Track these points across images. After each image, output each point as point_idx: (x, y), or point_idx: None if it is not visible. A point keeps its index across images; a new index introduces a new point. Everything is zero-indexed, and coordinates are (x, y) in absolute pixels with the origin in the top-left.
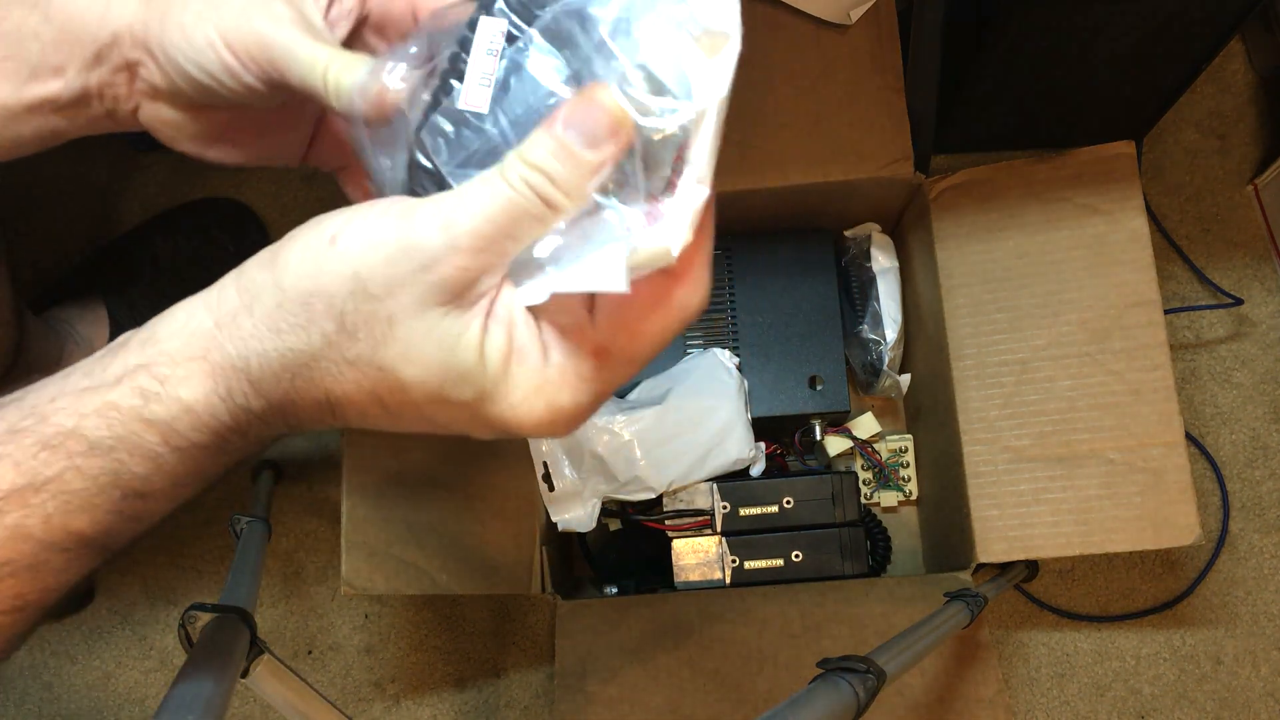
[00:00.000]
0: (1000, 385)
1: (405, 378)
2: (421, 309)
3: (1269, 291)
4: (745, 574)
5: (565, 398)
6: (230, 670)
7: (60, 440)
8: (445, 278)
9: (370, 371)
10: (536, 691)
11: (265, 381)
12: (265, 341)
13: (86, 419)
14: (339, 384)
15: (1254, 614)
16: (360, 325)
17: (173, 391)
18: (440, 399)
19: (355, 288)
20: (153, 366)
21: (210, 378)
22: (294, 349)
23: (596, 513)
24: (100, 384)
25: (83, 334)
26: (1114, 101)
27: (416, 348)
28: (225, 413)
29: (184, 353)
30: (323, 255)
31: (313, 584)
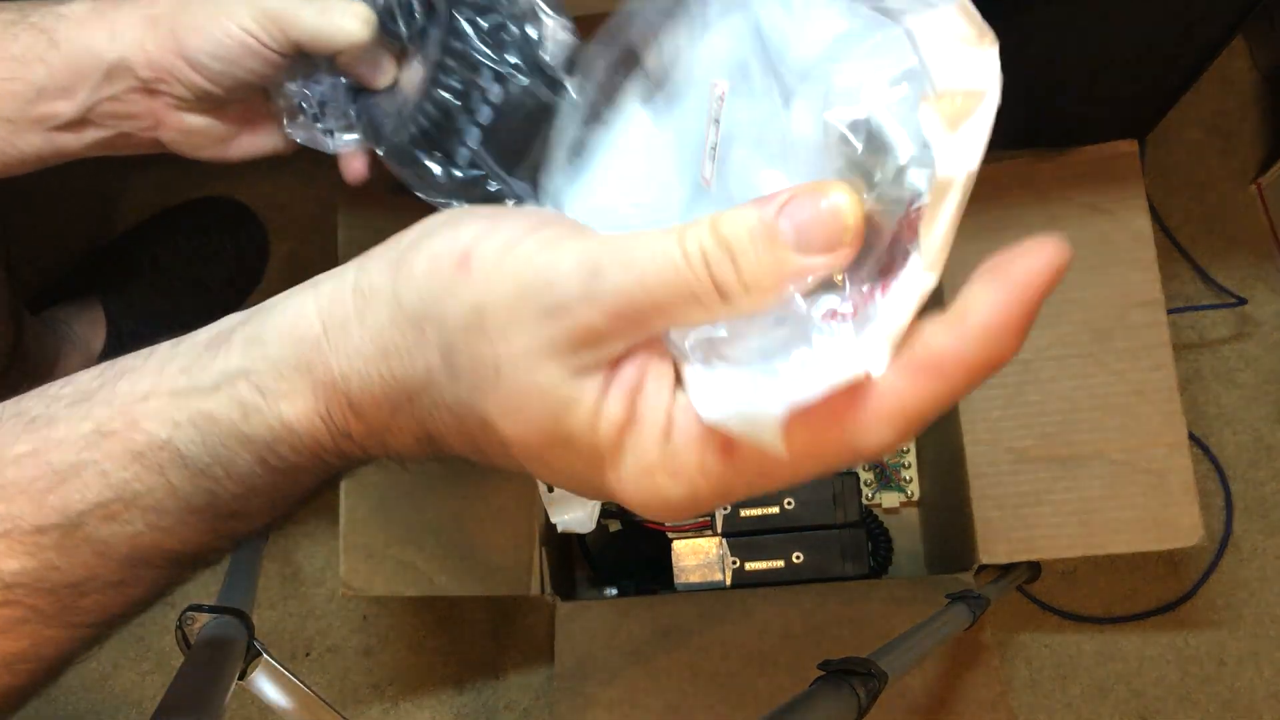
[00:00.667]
0: (1002, 385)
1: (505, 434)
2: (534, 362)
3: (1272, 291)
4: (746, 575)
5: (677, 489)
6: (228, 672)
7: (153, 453)
8: (571, 332)
9: (470, 420)
10: (536, 693)
11: (365, 407)
12: (370, 363)
13: (180, 429)
14: (436, 424)
15: (1257, 615)
16: (465, 366)
17: (274, 407)
18: (540, 461)
19: (472, 321)
20: (254, 374)
21: (313, 394)
22: (396, 377)
23: (596, 513)
24: (197, 387)
25: (80, 334)
26: (1117, 100)
27: (522, 405)
28: (326, 435)
29: (289, 361)
30: (449, 275)
31: (311, 585)
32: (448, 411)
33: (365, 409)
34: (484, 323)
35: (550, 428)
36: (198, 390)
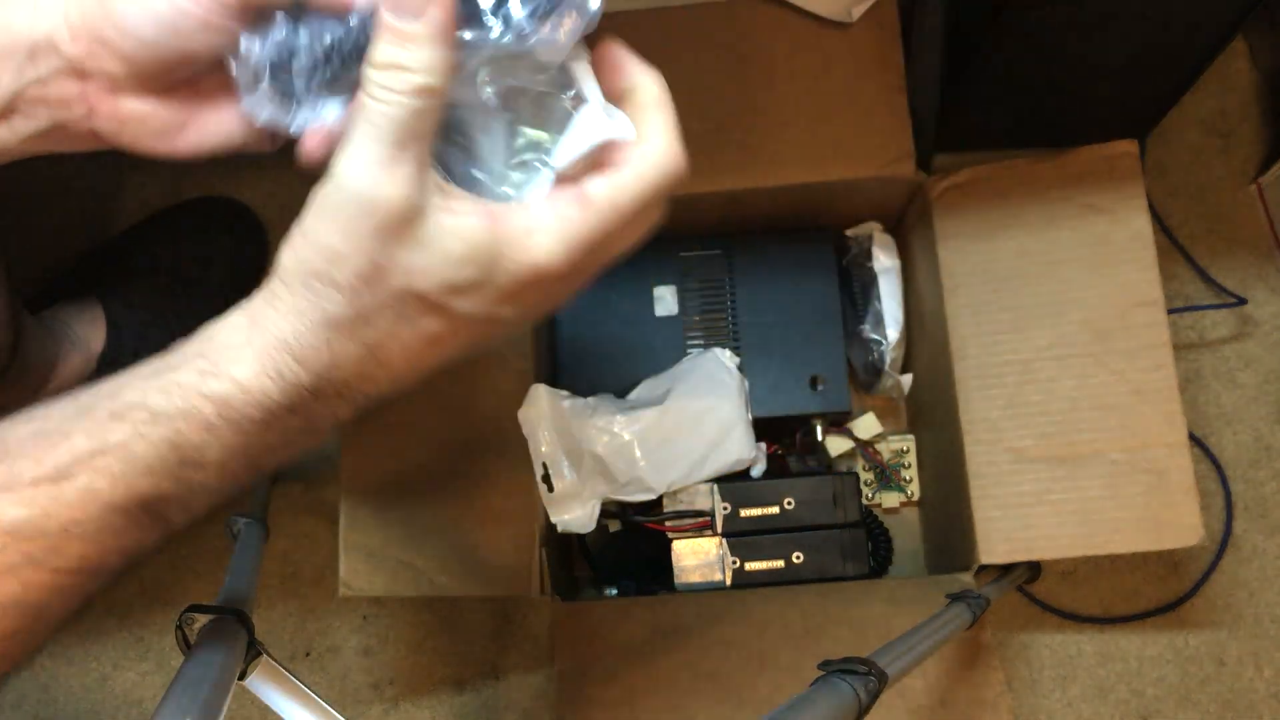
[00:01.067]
0: (1002, 385)
1: (418, 289)
2: (391, 242)
3: (1272, 291)
4: (746, 575)
5: (567, 230)
6: (228, 672)
7: (127, 410)
8: (386, 211)
9: (388, 302)
10: (536, 693)
11: (307, 354)
12: (295, 322)
13: (150, 394)
14: (368, 330)
15: (1257, 615)
16: (355, 280)
17: (225, 370)
18: (454, 289)
19: (331, 255)
20: (208, 354)
21: (258, 359)
22: (319, 319)
23: (596, 513)
24: (164, 369)
25: (80, 334)
26: (1117, 100)
27: (411, 266)
28: (276, 390)
29: (232, 341)
30: (298, 245)
31: (311, 585)
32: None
33: (307, 356)
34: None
35: (440, 258)
36: (166, 369)
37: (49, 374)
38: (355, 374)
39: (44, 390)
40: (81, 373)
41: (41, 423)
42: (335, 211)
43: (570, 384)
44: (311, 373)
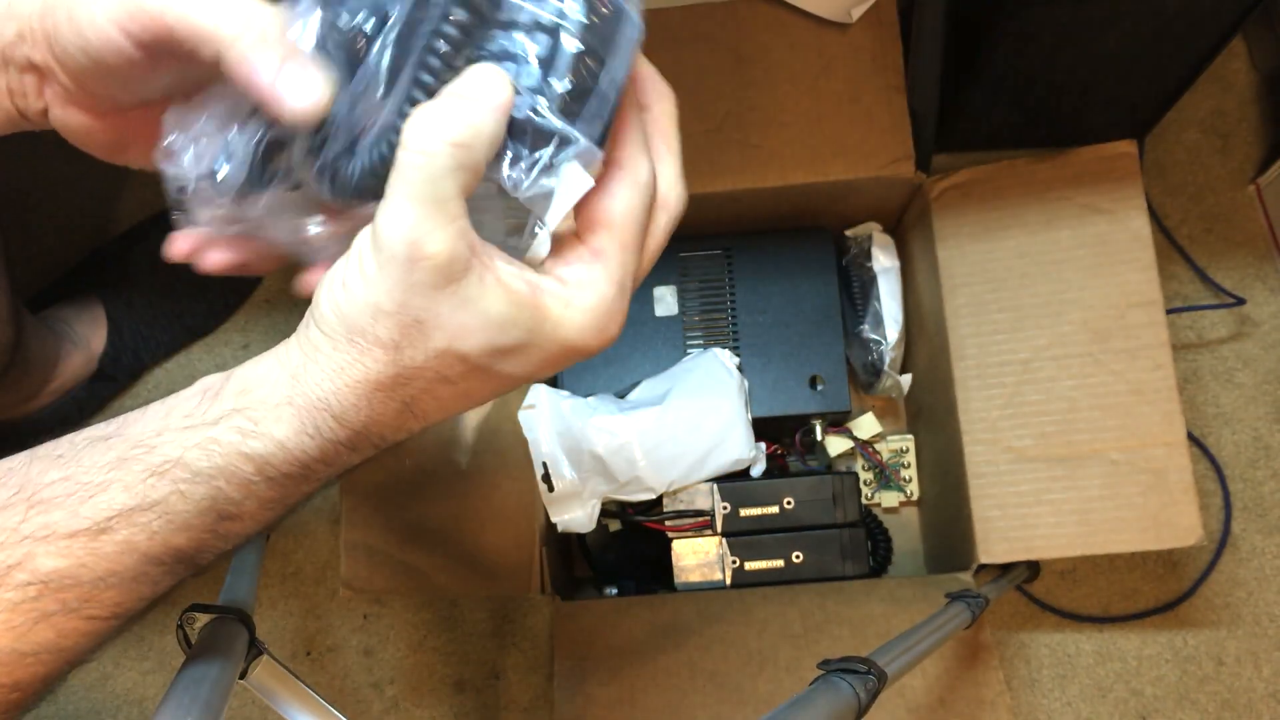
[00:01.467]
0: (1002, 385)
1: (460, 350)
2: (434, 298)
3: (1271, 291)
4: (746, 575)
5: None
6: (229, 671)
7: (167, 468)
8: (430, 265)
9: (430, 363)
10: (536, 693)
11: (347, 413)
12: (335, 381)
13: (190, 451)
14: (408, 388)
15: (1256, 615)
16: (399, 337)
17: (266, 430)
18: (497, 351)
19: (375, 312)
20: (247, 411)
21: (298, 418)
22: (361, 379)
23: (596, 513)
24: (201, 423)
25: (80, 334)
26: (1116, 100)
27: (455, 325)
28: (314, 447)
29: (272, 399)
30: (340, 300)
31: (311, 585)
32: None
33: (347, 415)
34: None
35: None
36: (203, 424)
37: (50, 373)
38: (391, 427)
39: (46, 389)
40: (82, 372)
41: (71, 468)
42: (379, 264)
43: (570, 384)
44: (349, 430)
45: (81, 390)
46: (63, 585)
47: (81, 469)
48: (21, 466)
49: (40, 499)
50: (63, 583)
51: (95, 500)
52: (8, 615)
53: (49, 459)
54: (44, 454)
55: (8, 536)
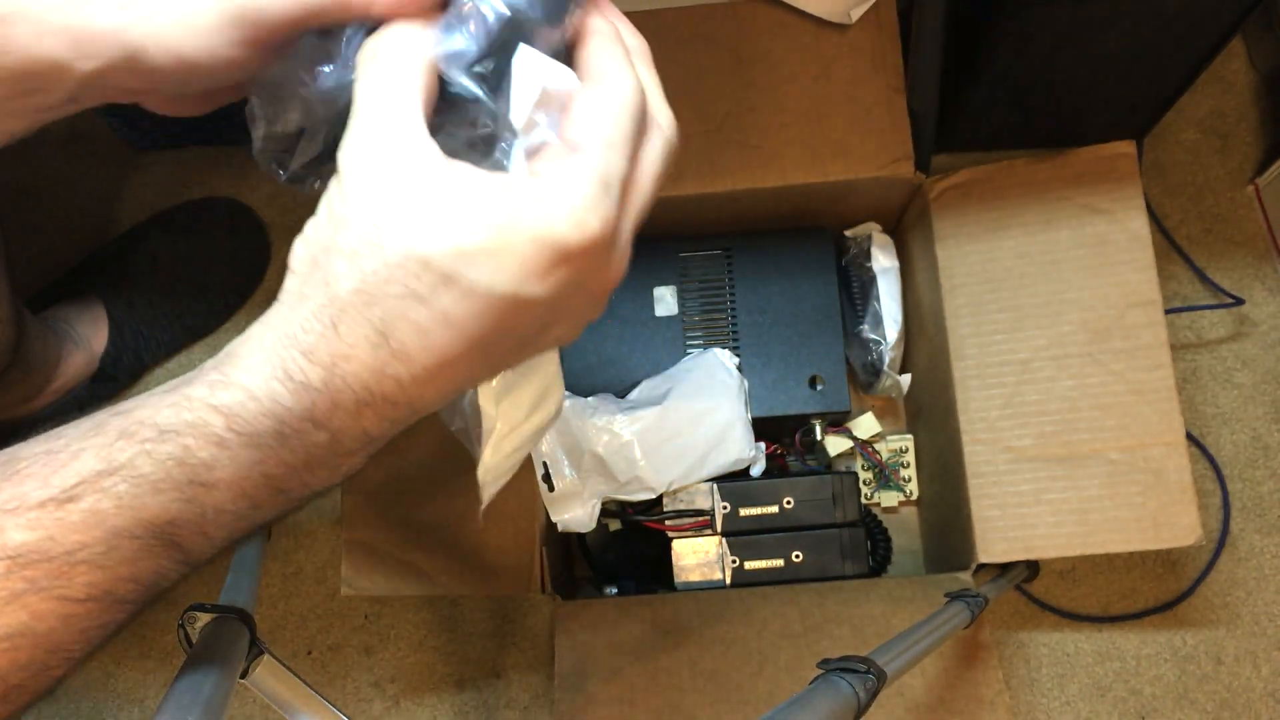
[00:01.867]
0: (1001, 385)
1: (422, 253)
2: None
3: (1270, 291)
4: (745, 574)
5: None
6: (230, 671)
7: (135, 428)
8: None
9: (393, 273)
10: (536, 692)
11: (314, 344)
12: (299, 309)
13: (160, 410)
14: (375, 307)
15: (1255, 614)
16: (356, 244)
17: (236, 378)
18: (462, 254)
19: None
20: (223, 366)
21: (267, 362)
22: (324, 301)
23: (596, 513)
24: (179, 384)
25: (81, 334)
26: (1115, 101)
27: (415, 224)
28: (287, 395)
29: (243, 348)
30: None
31: (312, 584)
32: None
33: (314, 347)
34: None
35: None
36: (180, 384)
37: (51, 373)
38: (370, 368)
39: (47, 389)
40: (84, 372)
41: (53, 441)
42: (341, 184)
43: (570, 384)
44: (320, 366)
45: (82, 390)
46: (30, 560)
47: (61, 440)
48: (14, 448)
49: (15, 471)
50: (29, 558)
51: (66, 468)
52: None
53: (41, 436)
54: (42, 435)
55: None
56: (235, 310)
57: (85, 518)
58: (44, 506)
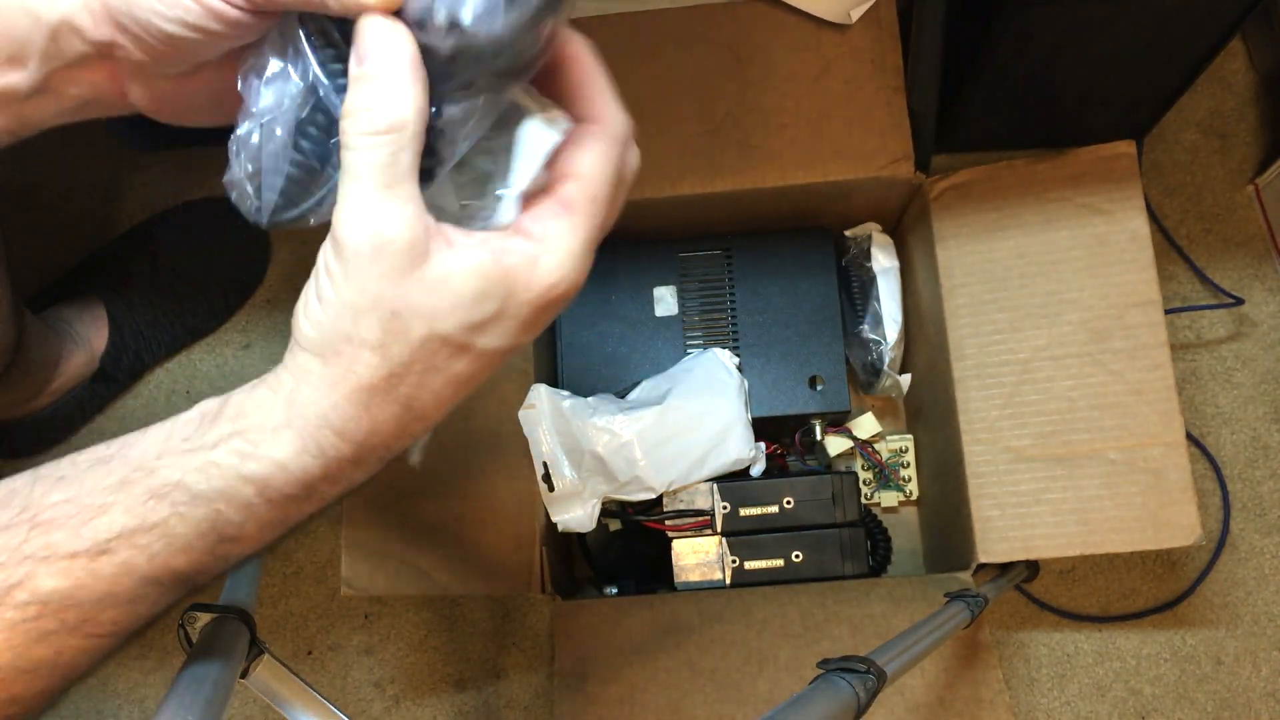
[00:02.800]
0: (1001, 385)
1: (441, 333)
2: (403, 285)
3: (1270, 291)
4: (745, 574)
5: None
6: (230, 670)
7: (167, 491)
8: (391, 253)
9: (416, 354)
10: (536, 692)
11: (348, 426)
12: (331, 395)
13: (189, 474)
14: (402, 386)
15: (1255, 614)
16: (381, 334)
17: (265, 453)
18: (474, 327)
19: (354, 313)
20: (245, 434)
21: (299, 439)
22: (355, 387)
23: (596, 513)
24: (200, 446)
25: (82, 334)
26: (1115, 101)
27: (434, 313)
28: (317, 466)
29: (269, 423)
30: (318, 312)
31: (312, 584)
32: (401, 368)
33: (347, 428)
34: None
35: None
36: (202, 448)
37: (51, 373)
38: (393, 434)
39: (47, 390)
40: (84, 372)
41: (73, 489)
42: (344, 267)
43: (570, 384)
44: (352, 443)
45: (83, 390)
46: (62, 605)
47: (84, 490)
48: (25, 488)
49: (41, 520)
50: (62, 603)
51: (96, 522)
52: (7, 634)
53: (51, 480)
54: (47, 474)
55: (9, 556)
56: (235, 310)
57: (118, 570)
58: (75, 558)
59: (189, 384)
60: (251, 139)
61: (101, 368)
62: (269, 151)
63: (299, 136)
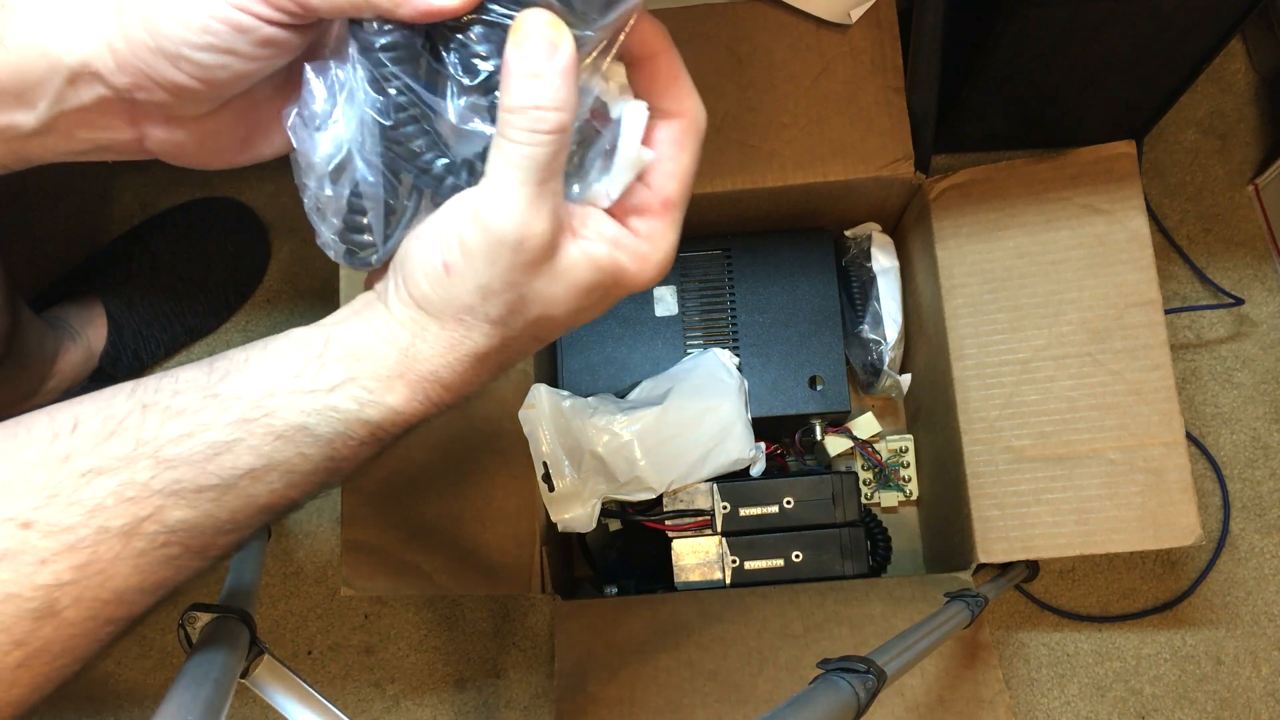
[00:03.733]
0: (1000, 385)
1: (557, 317)
2: (536, 275)
3: (1269, 291)
4: (745, 574)
5: (665, 250)
6: (230, 671)
7: (290, 433)
8: (534, 246)
9: (528, 329)
10: (536, 692)
11: (455, 381)
12: (448, 356)
13: (311, 417)
14: (507, 352)
15: (1254, 614)
16: (505, 313)
17: (383, 399)
18: (581, 310)
19: (484, 293)
20: (361, 379)
21: (410, 389)
22: (471, 352)
23: (596, 513)
24: (317, 389)
25: (81, 333)
26: (1115, 101)
27: (552, 299)
28: (423, 411)
29: (384, 371)
30: (446, 283)
31: (312, 584)
32: (513, 338)
33: (455, 383)
34: (491, 287)
35: (575, 289)
36: (320, 390)
37: (48, 370)
38: (487, 383)
39: (43, 388)
40: (82, 371)
41: (191, 422)
42: (487, 251)
43: (570, 384)
44: (455, 393)
45: (82, 389)
46: (190, 533)
47: (202, 425)
48: (133, 417)
49: (167, 456)
50: (190, 531)
51: (221, 459)
52: (137, 560)
53: (162, 410)
54: (153, 402)
55: (139, 492)
56: (235, 310)
57: (242, 502)
58: (203, 492)
59: None
60: (325, 191)
61: (101, 367)
62: (369, 195)
63: (389, 166)
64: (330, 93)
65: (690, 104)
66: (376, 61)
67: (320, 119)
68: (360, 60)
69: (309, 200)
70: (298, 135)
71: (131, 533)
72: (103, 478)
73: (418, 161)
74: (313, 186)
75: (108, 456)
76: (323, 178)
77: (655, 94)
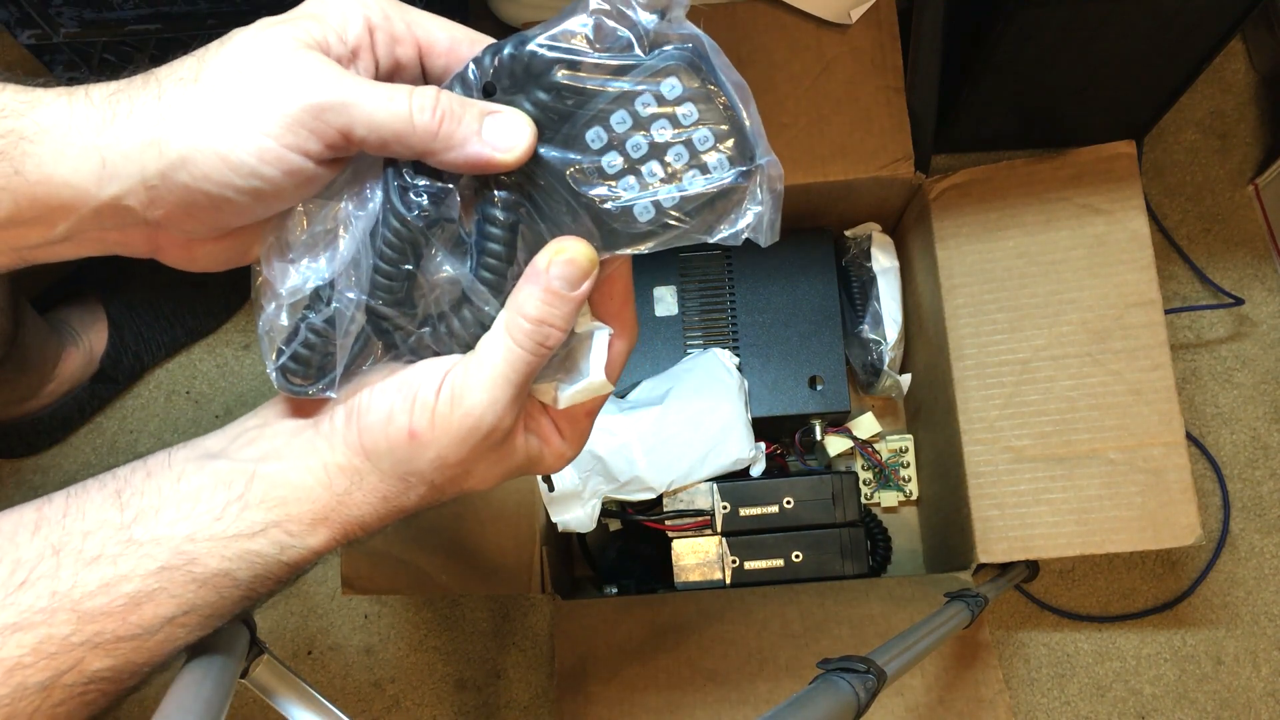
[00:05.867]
0: (1001, 385)
1: (479, 485)
2: (487, 455)
3: (1269, 291)
4: (745, 574)
5: (579, 448)
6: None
7: (212, 579)
8: (499, 435)
9: (456, 494)
10: (536, 691)
11: (375, 526)
12: (376, 507)
13: (232, 562)
14: (425, 504)
15: (1254, 614)
16: (445, 481)
17: (304, 543)
18: (500, 481)
19: (440, 464)
20: (285, 524)
21: (332, 531)
22: (400, 507)
23: (596, 513)
24: (238, 534)
25: (81, 335)
26: (1115, 101)
27: (487, 473)
28: (336, 548)
29: (309, 516)
30: (407, 448)
31: (312, 584)
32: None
33: (373, 526)
34: (447, 461)
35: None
36: (241, 535)
37: (49, 373)
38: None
39: (43, 391)
40: (82, 373)
41: (109, 570)
42: (458, 432)
43: None
44: (369, 535)
45: (82, 391)
46: (110, 680)
47: (121, 575)
48: (45, 564)
49: (86, 610)
50: (110, 678)
51: (143, 609)
52: (54, 709)
53: (75, 556)
54: (63, 545)
55: (59, 647)
56: (235, 310)
57: (163, 643)
58: (124, 641)
59: (189, 384)
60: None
61: (101, 369)
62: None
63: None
64: (313, 228)
65: (632, 325)
66: (406, 206)
67: (294, 251)
68: (384, 201)
69: (263, 323)
70: (269, 259)
71: (51, 686)
72: (20, 634)
73: (401, 309)
74: (269, 311)
75: (24, 610)
76: (282, 307)
77: (609, 314)
